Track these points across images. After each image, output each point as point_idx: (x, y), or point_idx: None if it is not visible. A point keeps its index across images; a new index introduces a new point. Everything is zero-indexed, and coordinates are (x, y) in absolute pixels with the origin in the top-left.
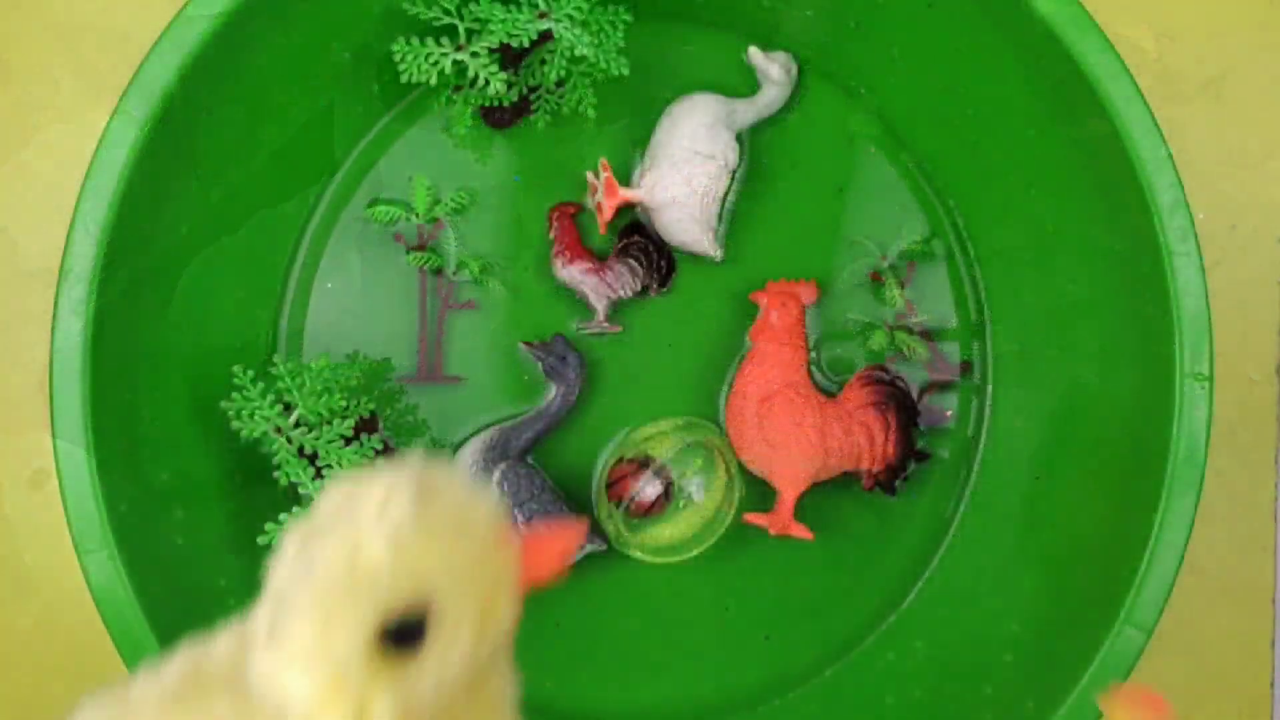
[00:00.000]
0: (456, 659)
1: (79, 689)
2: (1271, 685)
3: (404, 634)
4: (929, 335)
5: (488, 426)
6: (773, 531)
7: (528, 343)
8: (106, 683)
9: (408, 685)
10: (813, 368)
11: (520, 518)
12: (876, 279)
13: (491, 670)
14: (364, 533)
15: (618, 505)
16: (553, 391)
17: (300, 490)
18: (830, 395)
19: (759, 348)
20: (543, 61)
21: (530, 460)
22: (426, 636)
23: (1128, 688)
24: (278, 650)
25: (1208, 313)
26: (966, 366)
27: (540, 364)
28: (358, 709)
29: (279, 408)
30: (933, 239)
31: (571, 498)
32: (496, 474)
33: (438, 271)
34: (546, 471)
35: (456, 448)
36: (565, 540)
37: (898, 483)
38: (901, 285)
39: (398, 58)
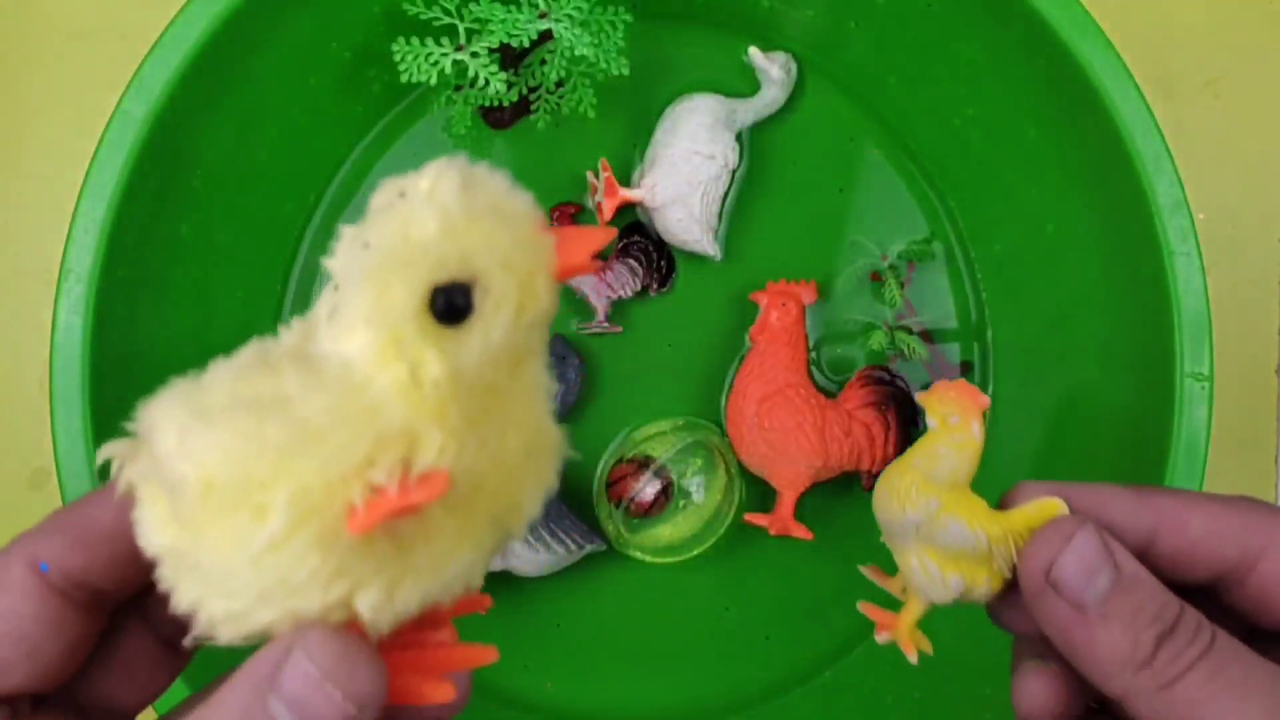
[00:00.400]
0: (500, 330)
1: None
2: None
3: (451, 309)
4: (929, 335)
5: None
6: (773, 531)
7: None
8: None
9: (456, 349)
10: (813, 368)
11: None
12: (876, 279)
13: (529, 355)
14: (414, 211)
15: (617, 505)
16: (552, 392)
17: None
18: (830, 395)
19: (759, 348)
20: (543, 61)
21: None
22: (472, 310)
23: (942, 383)
24: (338, 321)
25: (1208, 313)
26: (966, 366)
27: None
28: (412, 366)
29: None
30: (933, 239)
31: (571, 498)
32: None
33: None
34: None
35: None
36: (595, 235)
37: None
38: (901, 285)
39: (398, 58)
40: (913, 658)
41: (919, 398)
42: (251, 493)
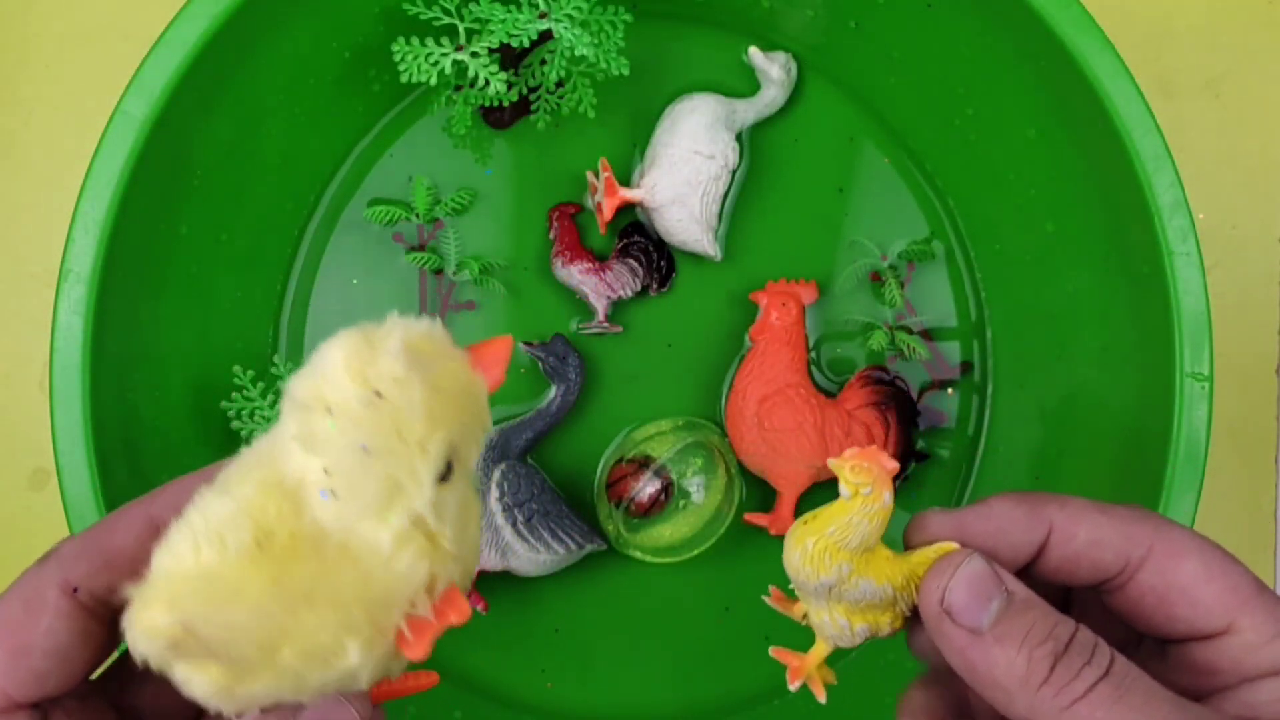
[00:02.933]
0: (470, 472)
1: None
2: None
3: (443, 478)
4: (929, 335)
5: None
6: (773, 531)
7: (528, 343)
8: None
9: (445, 504)
10: (813, 368)
11: (520, 518)
12: (876, 279)
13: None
14: (398, 412)
15: (617, 505)
16: (553, 391)
17: None
18: (830, 395)
19: (759, 348)
20: (543, 61)
21: (530, 460)
22: (452, 473)
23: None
24: (350, 509)
25: (1208, 313)
26: (967, 367)
27: (540, 364)
28: (428, 535)
29: (279, 408)
30: (933, 239)
31: (571, 498)
32: (496, 474)
33: (438, 272)
34: (546, 471)
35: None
36: (500, 346)
37: (898, 483)
38: (902, 285)
39: (398, 58)
40: (821, 697)
41: (831, 464)
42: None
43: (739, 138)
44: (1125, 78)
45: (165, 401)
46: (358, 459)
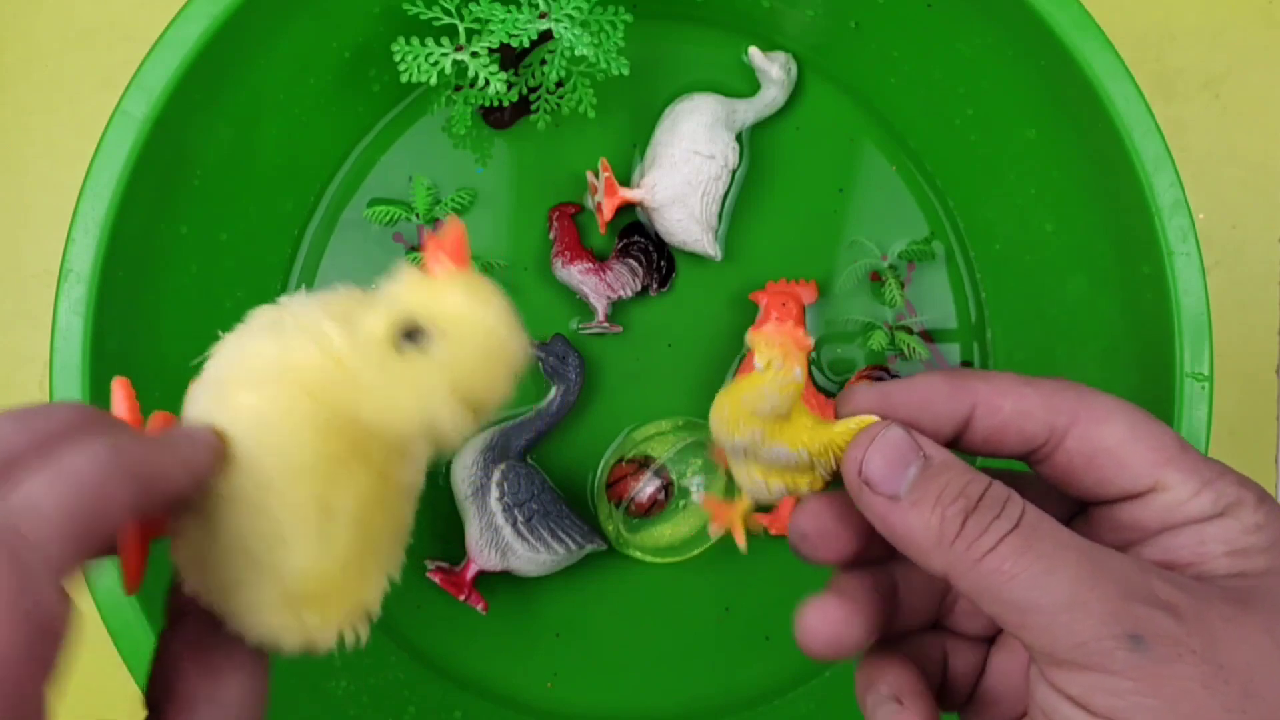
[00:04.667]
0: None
1: (77, 690)
2: None
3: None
4: (929, 335)
5: (487, 427)
6: (773, 531)
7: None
8: (105, 685)
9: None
10: (813, 368)
11: (520, 517)
12: (876, 279)
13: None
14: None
15: (617, 505)
16: (553, 392)
17: None
18: (830, 395)
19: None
20: (543, 61)
21: (530, 460)
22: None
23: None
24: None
25: (1208, 313)
26: (967, 367)
27: (540, 364)
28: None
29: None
30: (933, 239)
31: (571, 498)
32: (496, 474)
33: None
34: (546, 471)
35: (454, 450)
36: (452, 234)
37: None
38: (902, 285)
39: (398, 58)
40: (741, 545)
41: (748, 335)
42: None
43: (739, 138)
44: (1125, 78)
45: (165, 401)
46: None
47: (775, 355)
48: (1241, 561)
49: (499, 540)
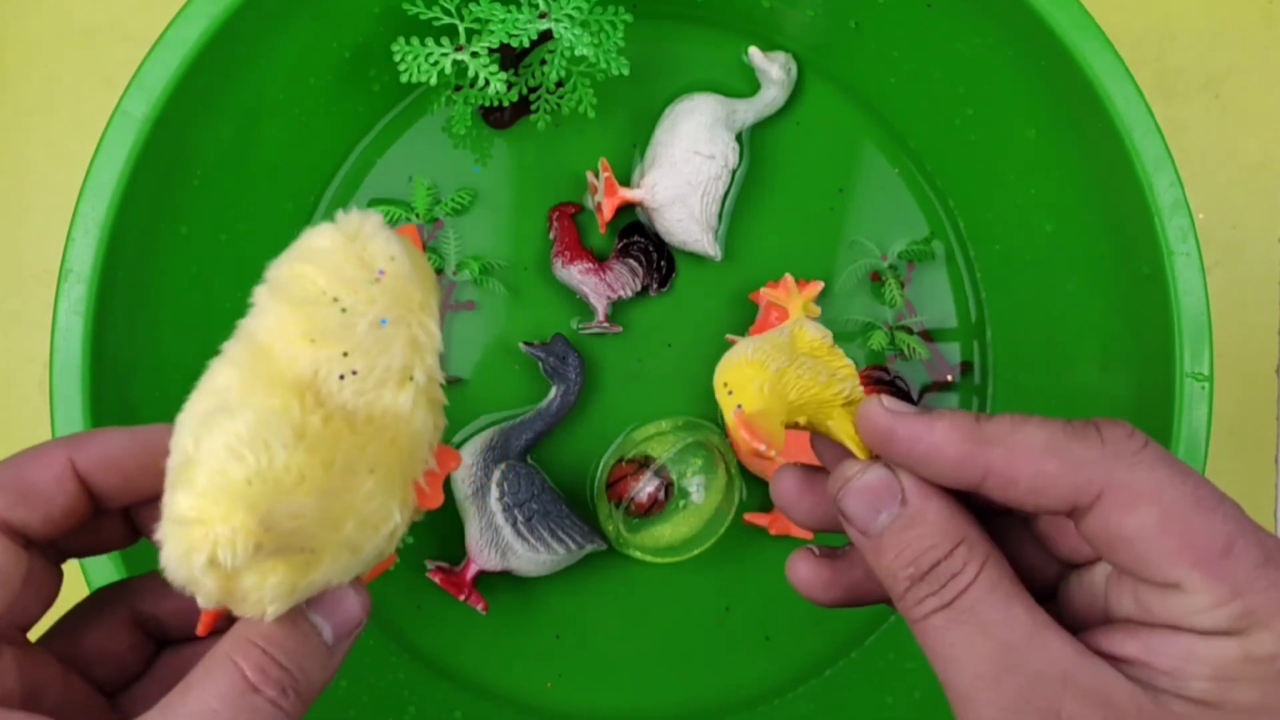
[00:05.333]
0: None
1: None
2: None
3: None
4: (929, 335)
5: (487, 426)
6: (773, 531)
7: (528, 343)
8: None
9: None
10: None
11: (520, 517)
12: (876, 279)
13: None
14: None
15: (617, 505)
16: (553, 391)
17: None
18: None
19: None
20: (543, 61)
21: (530, 460)
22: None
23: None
24: (380, 388)
25: (1208, 313)
26: (966, 367)
27: (540, 364)
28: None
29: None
30: (932, 239)
31: (571, 498)
32: (496, 474)
33: (438, 272)
34: (546, 471)
35: (456, 448)
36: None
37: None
38: (902, 285)
39: (398, 58)
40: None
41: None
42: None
43: (739, 138)
44: (1125, 78)
45: (165, 401)
46: (375, 334)
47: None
48: (1223, 690)
49: (499, 540)
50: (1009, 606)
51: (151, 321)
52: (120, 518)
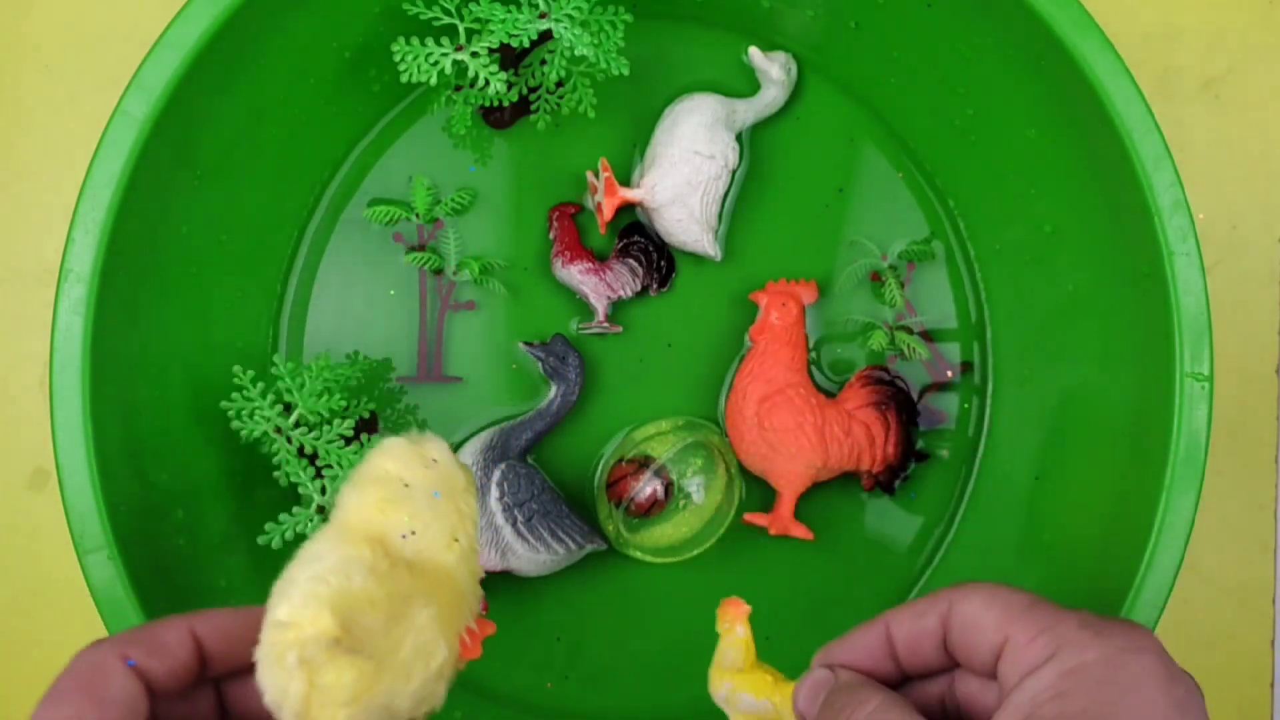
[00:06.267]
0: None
1: None
2: (1271, 685)
3: None
4: (929, 335)
5: (487, 427)
6: (773, 531)
7: (528, 343)
8: None
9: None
10: (813, 368)
11: (520, 517)
12: (876, 279)
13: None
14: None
15: (617, 505)
16: (553, 392)
17: (300, 490)
18: (830, 395)
19: (759, 347)
20: (543, 61)
21: (530, 460)
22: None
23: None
24: (428, 546)
25: (1208, 313)
26: (967, 367)
27: (540, 364)
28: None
29: (279, 408)
30: (932, 239)
31: (571, 498)
32: (496, 474)
33: (438, 272)
34: (546, 471)
35: (456, 448)
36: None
37: (897, 483)
38: (902, 285)
39: (398, 58)
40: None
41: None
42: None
43: (739, 138)
44: (1125, 78)
45: (165, 401)
46: (431, 505)
47: (724, 622)
48: (1061, 705)
49: (499, 540)
50: (904, 716)
51: (152, 322)
52: (213, 692)
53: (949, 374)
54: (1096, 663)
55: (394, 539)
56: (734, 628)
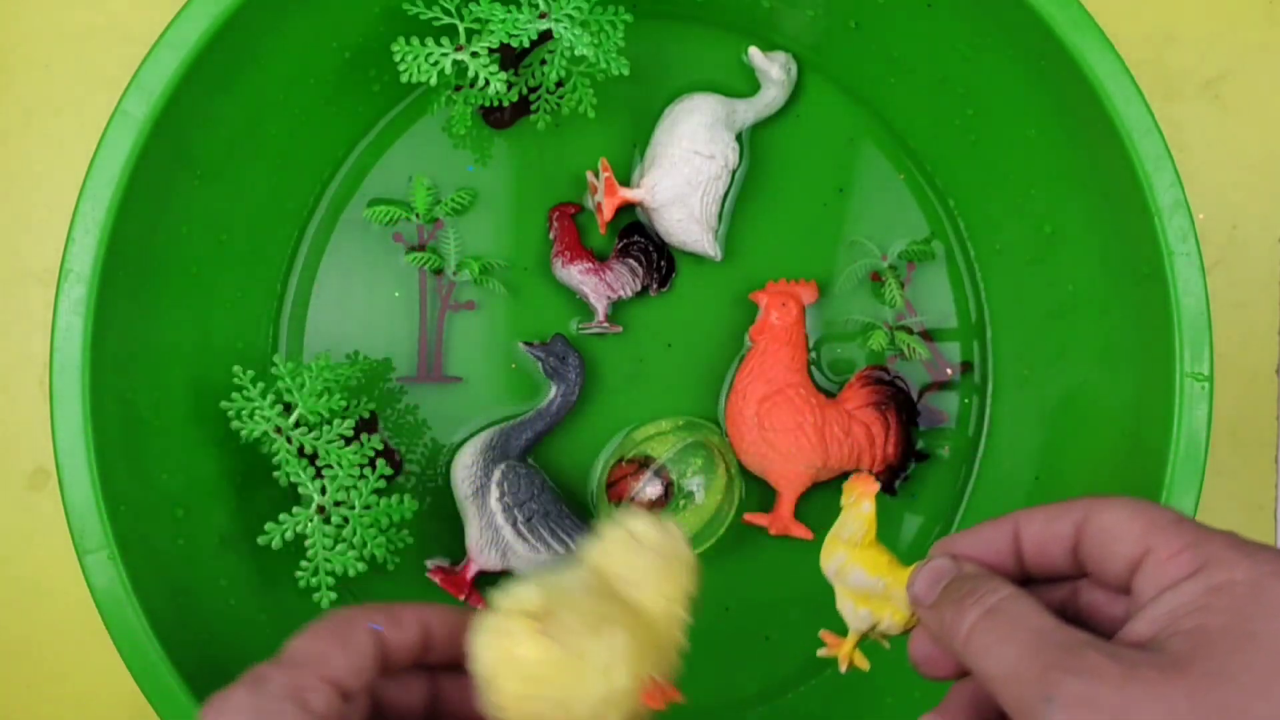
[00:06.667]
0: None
1: (78, 690)
2: None
3: None
4: (929, 335)
5: (487, 427)
6: (773, 531)
7: (528, 343)
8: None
9: None
10: (813, 368)
11: (520, 517)
12: (877, 279)
13: None
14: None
15: (617, 505)
16: (553, 392)
17: (300, 490)
18: (830, 395)
19: (759, 347)
20: (543, 61)
21: (530, 460)
22: None
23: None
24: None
25: (1208, 313)
26: (967, 367)
27: (540, 364)
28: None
29: (279, 408)
30: (932, 239)
31: (571, 498)
32: (496, 474)
33: (438, 272)
34: (546, 471)
35: (456, 448)
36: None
37: (898, 483)
38: (902, 285)
39: (398, 58)
40: (843, 668)
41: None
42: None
43: (739, 138)
44: (1125, 78)
45: (165, 401)
46: (654, 562)
47: (852, 495)
48: (1202, 618)
49: (499, 540)
50: (1035, 608)
51: (152, 322)
52: (427, 684)
53: (948, 372)
54: (1243, 583)
55: (615, 576)
56: (860, 502)
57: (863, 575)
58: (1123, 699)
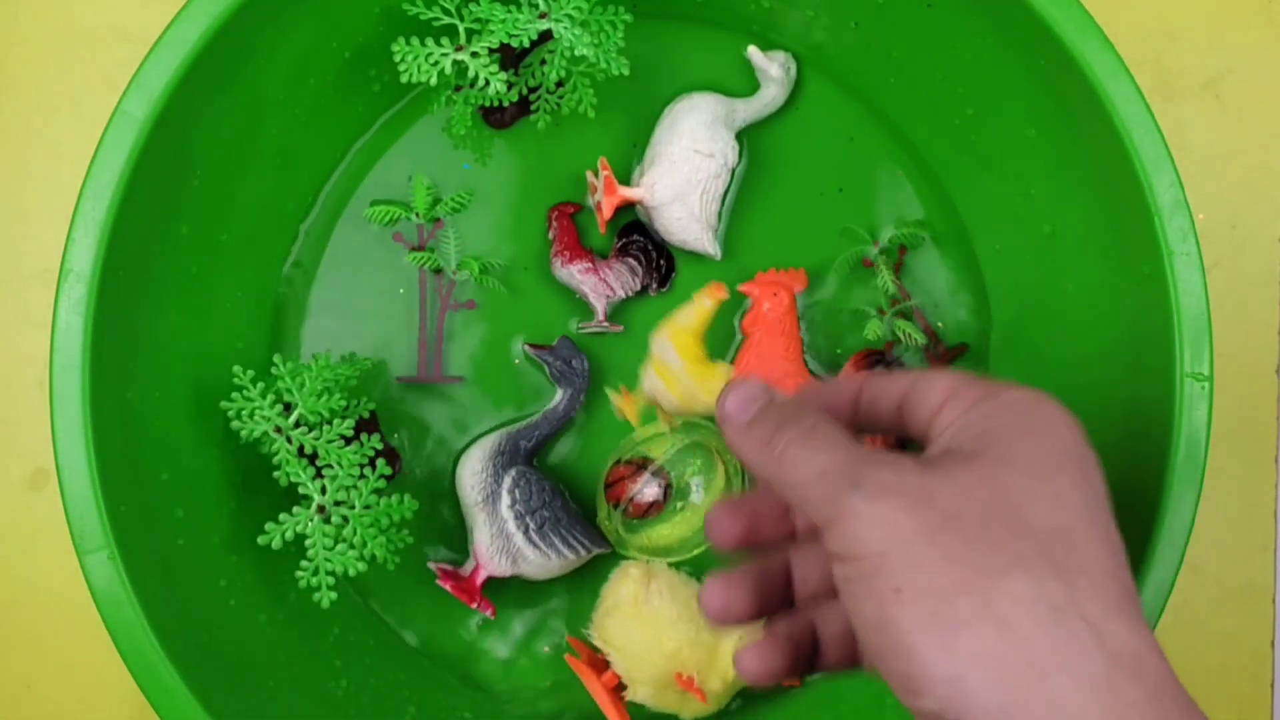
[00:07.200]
0: None
1: (78, 690)
2: (1271, 685)
3: None
4: (927, 324)
5: (491, 430)
6: None
7: (533, 345)
8: (107, 685)
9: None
10: (808, 354)
11: (532, 525)
12: (870, 266)
13: None
14: None
15: (616, 506)
16: (559, 395)
17: (300, 490)
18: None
19: (753, 339)
20: (543, 61)
21: (536, 465)
22: None
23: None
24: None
25: (1208, 313)
26: (964, 348)
27: (547, 367)
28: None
29: (279, 408)
30: (924, 222)
31: (576, 501)
32: (507, 480)
33: (438, 271)
34: (548, 473)
35: (460, 453)
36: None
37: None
38: (894, 270)
39: (398, 58)
40: (624, 417)
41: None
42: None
43: (739, 137)
44: (1125, 78)
45: (165, 401)
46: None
47: (702, 292)
48: (989, 423)
49: (510, 547)
50: (847, 434)
51: (152, 322)
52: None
53: (941, 348)
54: (1023, 399)
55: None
56: (704, 299)
57: (673, 353)
58: (922, 482)
